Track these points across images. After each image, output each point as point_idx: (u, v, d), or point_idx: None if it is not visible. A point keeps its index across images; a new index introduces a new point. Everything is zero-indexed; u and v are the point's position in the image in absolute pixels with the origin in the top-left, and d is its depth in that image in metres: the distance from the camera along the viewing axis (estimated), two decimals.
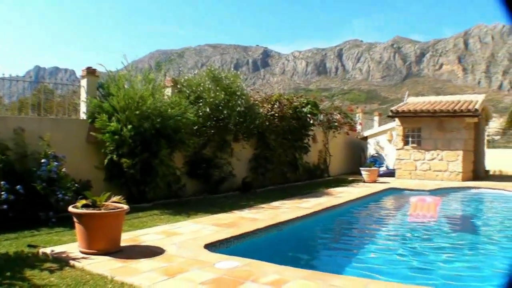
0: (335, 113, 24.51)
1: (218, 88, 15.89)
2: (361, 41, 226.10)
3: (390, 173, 24.10)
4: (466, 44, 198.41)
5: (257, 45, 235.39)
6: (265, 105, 19.10)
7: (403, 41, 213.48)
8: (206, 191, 15.77)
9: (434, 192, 18.69)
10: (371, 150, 27.26)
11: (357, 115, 29.98)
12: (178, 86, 15.74)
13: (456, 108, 21.84)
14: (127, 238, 8.35)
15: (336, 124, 23.88)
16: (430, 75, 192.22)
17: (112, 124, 12.29)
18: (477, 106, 21.66)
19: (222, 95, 15.77)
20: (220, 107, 15.75)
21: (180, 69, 23.29)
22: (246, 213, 11.85)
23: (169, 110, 13.17)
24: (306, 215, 11.99)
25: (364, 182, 21.00)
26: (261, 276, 6.32)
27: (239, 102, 16.34)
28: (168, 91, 15.08)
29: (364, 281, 6.38)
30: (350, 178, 22.53)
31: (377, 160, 25.56)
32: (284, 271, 6.66)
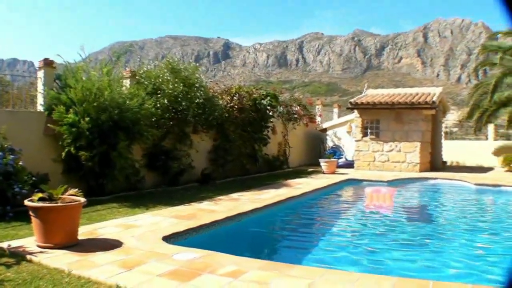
0: (294, 105, 24.67)
1: (177, 79, 15.83)
2: (322, 34, 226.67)
3: (349, 165, 24.35)
4: (425, 38, 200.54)
5: (218, 37, 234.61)
6: (224, 97, 19.09)
7: (363, 34, 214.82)
8: (165, 183, 15.74)
9: (392, 183, 19.00)
10: (330, 142, 27.49)
11: (317, 107, 30.22)
12: (137, 78, 15.62)
13: (414, 100, 22.20)
14: (85, 232, 8.31)
15: (295, 116, 24.04)
16: (390, 68, 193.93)
17: (69, 116, 12.17)
18: (434, 99, 22.05)
19: (181, 87, 15.73)
20: (179, 99, 15.72)
21: (138, 60, 23.10)
22: (205, 205, 11.86)
23: (127, 102, 13.07)
24: (265, 206, 12.07)
25: (324, 173, 21.17)
26: (219, 268, 6.37)
27: (198, 93, 16.32)
28: (126, 83, 14.97)
29: (320, 271, 6.50)
30: (310, 170, 22.69)
31: (336, 152, 25.78)
32: (242, 262, 6.73)
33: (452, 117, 47.67)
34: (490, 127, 30.06)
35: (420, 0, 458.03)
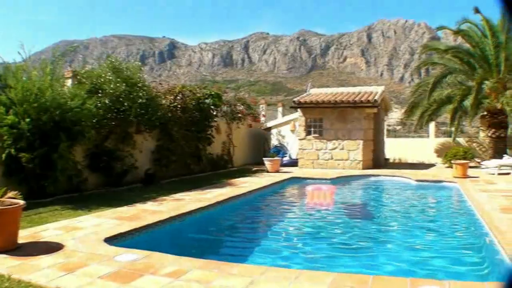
0: (238, 104, 24.77)
1: (119, 79, 15.70)
2: (268, 33, 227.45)
3: (294, 163, 24.56)
4: (369, 38, 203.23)
5: (164, 37, 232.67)
6: (167, 96, 19.05)
7: (308, 34, 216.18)
8: (108, 184, 15.60)
9: (335, 180, 19.28)
10: (275, 141, 27.69)
11: (261, 106, 30.38)
12: (78, 78, 15.43)
13: (357, 99, 22.59)
14: (25, 235, 8.20)
15: (239, 115, 24.14)
16: (335, 67, 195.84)
17: (9, 117, 11.97)
18: (376, 97, 22.51)
19: (123, 87, 15.61)
20: (121, 99, 15.59)
21: (81, 59, 22.83)
22: (148, 206, 11.83)
23: (69, 102, 12.93)
24: (208, 206, 12.12)
25: (268, 172, 21.31)
26: (161, 268, 6.40)
27: (140, 93, 16.21)
28: (68, 83, 14.79)
29: (261, 269, 6.56)
30: (254, 169, 22.79)
31: (280, 150, 25.98)
32: (184, 261, 6.77)
33: (395, 116, 48.41)
34: (431, 125, 30.75)
35: (365, 1, 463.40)
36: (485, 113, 26.24)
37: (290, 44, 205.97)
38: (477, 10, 25.88)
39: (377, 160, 24.97)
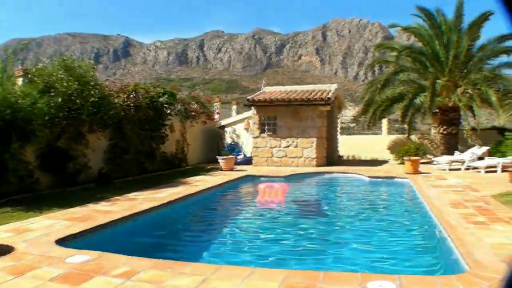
0: (192, 102, 24.71)
1: (71, 78, 15.48)
2: (223, 32, 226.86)
3: (248, 161, 24.62)
4: (324, 36, 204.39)
5: (118, 34, 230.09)
6: (120, 95, 18.87)
7: (263, 33, 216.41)
8: (62, 185, 15.38)
9: (289, 178, 19.43)
10: (229, 139, 27.70)
11: (215, 104, 30.36)
12: (29, 76, 15.18)
13: (310, 97, 22.78)
14: None
15: (193, 113, 24.08)
16: (290, 65, 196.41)
17: None
18: (329, 95, 22.74)
19: (75, 85, 15.40)
20: (73, 98, 15.37)
21: (32, 57, 22.46)
22: (101, 206, 11.74)
23: (20, 101, 12.73)
24: (162, 205, 12.11)
25: (222, 170, 21.31)
26: (112, 269, 6.37)
27: (92, 92, 16.01)
28: (19, 81, 14.54)
29: (214, 267, 6.58)
30: (208, 167, 22.76)
31: (234, 148, 26.02)
32: (136, 262, 6.75)
33: (350, 113, 49.02)
34: (384, 122, 31.23)
35: (320, 1, 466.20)
36: (437, 110, 26.75)
37: (245, 43, 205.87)
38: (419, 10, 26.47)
39: (331, 157, 25.25)
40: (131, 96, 19.19)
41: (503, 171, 19.41)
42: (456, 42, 26.02)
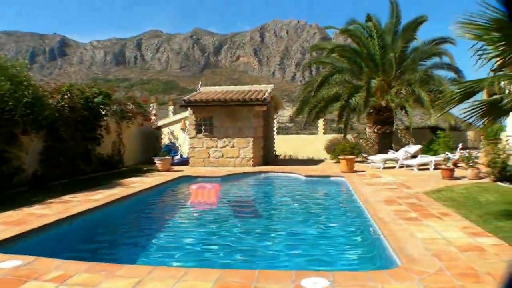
0: (128, 103, 24.44)
1: (3, 77, 15.08)
2: (161, 31, 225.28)
3: (185, 162, 24.52)
4: (262, 37, 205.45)
5: (55, 33, 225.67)
6: (55, 95, 18.49)
7: (202, 33, 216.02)
8: None
9: (225, 178, 19.49)
10: (166, 139, 27.53)
11: (152, 105, 30.12)
12: None
13: (246, 97, 22.88)
14: None
15: (129, 114, 23.83)
16: (228, 66, 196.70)
17: None
18: (265, 96, 22.88)
19: (8, 85, 15.01)
20: (5, 98, 14.98)
21: None
22: (35, 209, 11.48)
23: None
24: (97, 207, 11.96)
25: (159, 171, 21.16)
26: (45, 273, 6.28)
27: (26, 92, 15.62)
28: None
29: (148, 269, 6.56)
30: (145, 168, 22.56)
31: (171, 149, 25.87)
32: (70, 265, 6.68)
33: (287, 113, 49.49)
34: (320, 122, 31.66)
35: (258, 2, 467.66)
36: (371, 110, 27.27)
37: (183, 43, 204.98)
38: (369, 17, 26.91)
39: (268, 157, 25.43)
40: (66, 96, 18.82)
41: (435, 168, 19.97)
42: (391, 44, 26.69)
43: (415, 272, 6.27)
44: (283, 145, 30.95)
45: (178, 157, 25.25)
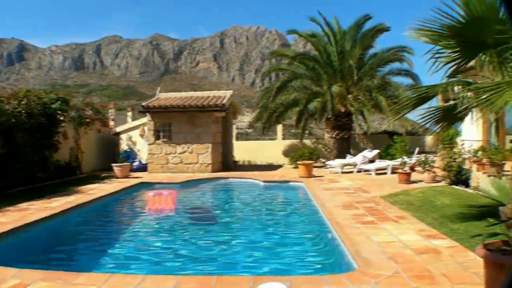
0: (86, 109, 24.16)
1: None
2: (121, 37, 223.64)
3: (143, 168, 24.34)
4: (222, 43, 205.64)
5: (13, 38, 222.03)
6: (11, 101, 18.19)
7: (162, 39, 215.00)
8: None
9: (184, 184, 19.43)
10: (124, 146, 27.29)
11: (110, 111, 29.83)
12: None
13: (205, 103, 22.89)
14: None
15: (87, 120, 23.55)
16: (187, 72, 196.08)
17: None
18: (224, 102, 22.95)
19: None
20: None
21: None
22: None
23: None
24: (54, 214, 11.82)
25: (117, 178, 20.98)
26: (1, 282, 6.26)
27: None
28: None
29: (105, 276, 6.55)
30: (104, 175, 22.28)
31: (130, 155, 25.64)
32: (26, 274, 6.62)
33: (247, 119, 49.59)
34: (279, 127, 31.80)
35: (219, 8, 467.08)
36: (330, 115, 27.51)
37: (143, 48, 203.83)
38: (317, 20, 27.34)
39: (227, 162, 25.45)
40: (23, 102, 18.52)
41: (393, 172, 20.22)
42: (350, 51, 27.04)
43: (371, 275, 6.35)
44: (242, 150, 30.97)
45: (136, 163, 25.05)
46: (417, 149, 23.25)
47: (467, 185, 15.65)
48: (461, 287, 5.94)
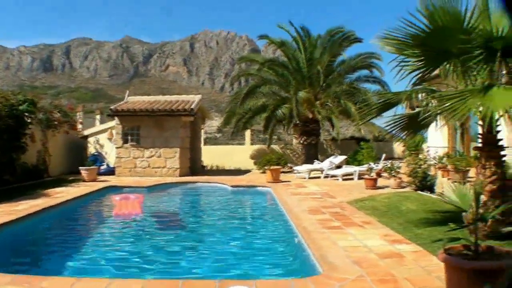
0: (54, 111, 23.93)
1: None
2: (91, 39, 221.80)
3: (111, 171, 24.18)
4: (192, 47, 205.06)
5: None
6: None
7: (132, 41, 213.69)
8: None
9: (151, 188, 19.37)
10: (92, 149, 27.09)
11: (78, 113, 29.59)
12: None
13: (173, 107, 22.91)
14: None
15: (55, 123, 23.33)
16: (157, 75, 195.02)
17: None
18: (193, 106, 22.99)
19: None
20: None
21: None
22: None
23: None
24: (21, 218, 11.70)
25: (85, 181, 20.84)
26: None
27: None
28: None
29: (72, 280, 6.53)
30: (71, 178, 22.08)
31: (98, 159, 25.43)
32: None
33: (216, 124, 49.65)
34: (247, 133, 31.93)
35: (190, 12, 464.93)
36: (298, 121, 27.69)
37: (112, 51, 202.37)
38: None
39: (195, 167, 25.48)
40: None
41: (359, 178, 20.40)
42: (319, 57, 27.32)
43: (336, 279, 6.44)
44: (211, 155, 31.00)
45: (104, 167, 24.89)
46: (383, 155, 23.51)
47: (432, 191, 15.89)
48: None
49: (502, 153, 8.90)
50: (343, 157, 24.83)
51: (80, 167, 21.75)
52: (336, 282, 6.30)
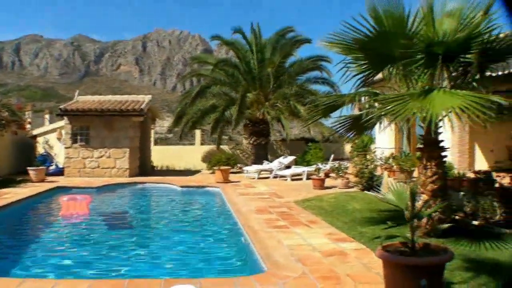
0: (2, 110, 23.53)
1: None
2: (42, 36, 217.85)
3: (60, 172, 23.85)
4: (144, 46, 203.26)
5: None
6: None
7: (84, 40, 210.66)
8: None
9: (101, 189, 19.20)
10: (41, 149, 26.71)
11: (27, 113, 29.13)
12: None
13: (123, 107, 22.79)
14: None
15: (3, 122, 22.94)
16: (108, 74, 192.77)
17: None
18: (143, 106, 22.93)
19: None
20: None
21: None
22: None
23: None
24: None
25: (33, 182, 20.53)
26: None
27: None
28: None
29: (17, 281, 6.52)
30: (19, 179, 21.66)
31: (46, 159, 25.08)
32: None
33: (167, 124, 49.45)
34: (197, 133, 32.00)
35: (143, 10, 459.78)
36: (248, 122, 27.88)
37: (63, 49, 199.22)
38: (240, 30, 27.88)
39: (144, 167, 25.39)
40: None
41: (308, 178, 20.65)
42: (270, 58, 27.53)
43: (279, 276, 6.58)
44: (161, 155, 30.90)
45: (53, 167, 24.56)
46: (332, 156, 23.85)
47: (378, 190, 16.23)
48: (364, 286, 6.25)
49: (443, 154, 9.19)
50: (292, 158, 25.09)
51: (28, 168, 21.43)
52: (279, 280, 6.44)
